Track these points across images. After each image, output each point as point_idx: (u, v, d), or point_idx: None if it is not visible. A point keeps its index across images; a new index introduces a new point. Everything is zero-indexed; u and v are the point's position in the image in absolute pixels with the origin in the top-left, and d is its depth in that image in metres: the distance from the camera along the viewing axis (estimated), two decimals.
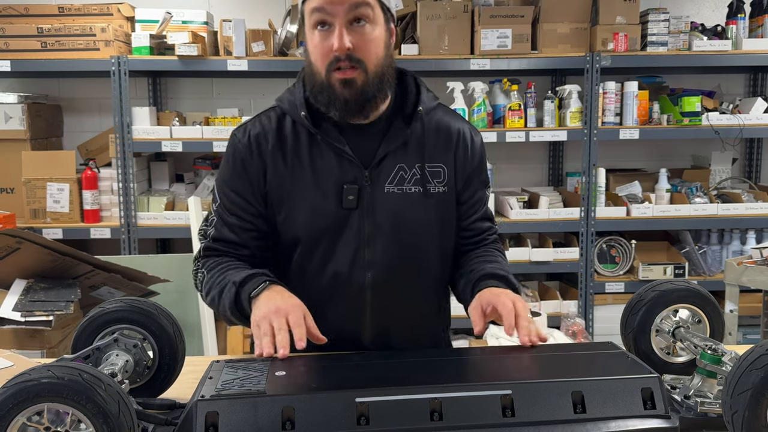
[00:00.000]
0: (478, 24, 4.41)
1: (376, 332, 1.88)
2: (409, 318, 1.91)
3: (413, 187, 1.84)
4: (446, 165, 1.89)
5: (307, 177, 1.82)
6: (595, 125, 4.49)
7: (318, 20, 1.71)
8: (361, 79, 1.73)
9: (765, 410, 1.20)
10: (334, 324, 1.84)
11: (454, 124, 1.93)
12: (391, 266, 1.84)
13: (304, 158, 1.83)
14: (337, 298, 1.86)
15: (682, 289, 1.70)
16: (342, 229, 1.82)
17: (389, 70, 1.80)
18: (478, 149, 1.96)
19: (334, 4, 1.68)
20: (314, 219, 1.82)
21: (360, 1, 1.69)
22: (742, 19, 4.58)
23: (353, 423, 1.30)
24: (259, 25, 4.57)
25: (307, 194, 1.82)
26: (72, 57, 4.37)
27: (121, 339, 1.51)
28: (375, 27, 1.73)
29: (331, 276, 1.84)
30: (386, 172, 1.83)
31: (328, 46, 1.70)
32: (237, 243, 1.89)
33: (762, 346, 1.24)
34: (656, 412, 1.36)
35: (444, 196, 1.88)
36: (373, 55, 1.74)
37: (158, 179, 4.89)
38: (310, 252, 1.85)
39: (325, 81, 1.74)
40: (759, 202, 4.65)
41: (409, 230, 1.85)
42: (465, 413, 1.32)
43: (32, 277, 3.25)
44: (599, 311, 4.73)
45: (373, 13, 1.72)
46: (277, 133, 1.86)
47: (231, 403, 1.31)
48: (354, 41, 1.69)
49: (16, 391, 1.13)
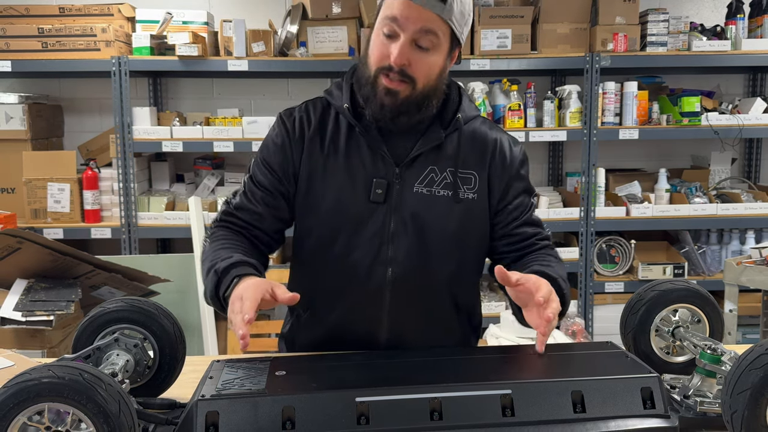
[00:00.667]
0: (478, 24, 4.42)
1: (393, 331, 1.89)
2: (426, 319, 1.91)
3: (442, 191, 1.86)
4: (479, 173, 1.89)
5: (340, 166, 1.85)
6: (595, 125, 4.49)
7: (387, 27, 1.73)
8: (406, 94, 1.76)
9: (764, 410, 1.21)
10: (350, 318, 1.87)
11: (491, 134, 1.94)
12: (412, 265, 1.85)
13: (340, 148, 1.86)
14: (355, 292, 1.87)
15: (681, 289, 1.70)
16: (366, 222, 1.84)
17: (436, 93, 1.83)
18: (518, 158, 1.94)
19: (408, 20, 1.69)
20: (340, 207, 1.84)
21: (431, 28, 1.70)
22: (742, 19, 4.59)
23: (353, 422, 1.30)
24: (260, 26, 4.58)
25: (336, 182, 1.85)
26: (73, 57, 4.37)
27: (122, 339, 1.51)
28: (436, 53, 1.75)
29: (351, 268, 1.85)
30: (417, 172, 1.85)
31: (387, 51, 1.73)
32: (257, 213, 1.90)
33: (761, 345, 1.25)
34: (656, 412, 1.36)
35: (473, 203, 1.88)
36: (425, 77, 1.76)
37: (159, 179, 4.89)
38: (333, 241, 1.86)
39: (372, 79, 1.77)
40: (758, 202, 4.66)
41: (433, 232, 1.85)
42: (465, 413, 1.33)
43: (33, 276, 3.26)
44: (599, 311, 4.74)
45: (440, 41, 1.74)
46: (319, 121, 1.90)
47: (231, 402, 1.31)
48: (412, 60, 1.72)
49: (17, 391, 1.14)
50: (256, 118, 4.45)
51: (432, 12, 1.69)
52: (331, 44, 4.49)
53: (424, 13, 1.69)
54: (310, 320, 1.94)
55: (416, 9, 1.69)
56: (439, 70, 1.79)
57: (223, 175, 4.90)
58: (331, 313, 1.90)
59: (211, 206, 4.59)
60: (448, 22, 1.72)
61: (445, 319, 1.95)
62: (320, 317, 1.93)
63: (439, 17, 1.70)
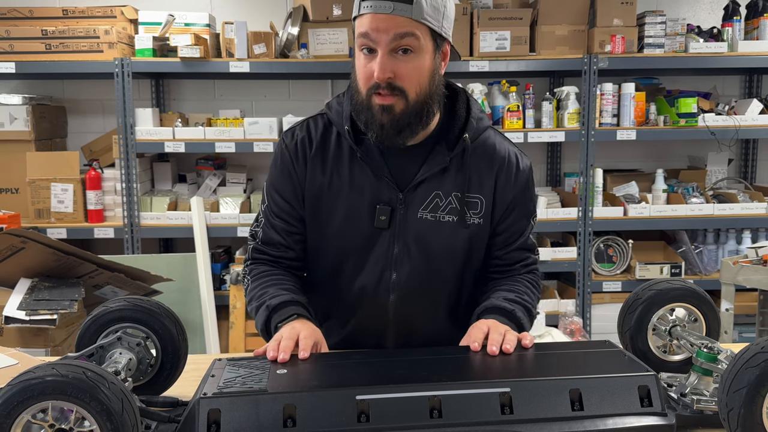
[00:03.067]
0: (477, 26, 4.45)
1: (399, 340, 1.91)
2: (431, 333, 1.92)
3: (447, 216, 1.82)
4: (485, 196, 1.85)
5: (344, 190, 1.82)
6: (593, 126, 4.52)
7: (363, 44, 1.68)
8: (401, 107, 1.69)
9: (760, 407, 1.22)
10: (359, 333, 1.92)
11: (500, 147, 1.88)
12: (416, 289, 1.85)
13: (343, 171, 1.82)
14: (363, 311, 1.89)
15: (678, 288, 1.71)
16: (371, 248, 1.83)
17: (434, 97, 1.75)
18: (523, 176, 1.90)
19: (379, 32, 1.63)
20: (345, 233, 1.83)
21: (405, 32, 1.63)
22: (738, 21, 4.59)
23: (353, 420, 1.31)
24: (261, 28, 4.60)
25: (340, 207, 1.83)
26: (76, 59, 4.39)
27: (125, 337, 1.52)
28: (420, 56, 1.67)
29: (358, 290, 1.87)
30: (421, 198, 1.81)
31: (370, 70, 1.67)
32: (283, 245, 1.91)
33: (757, 344, 1.26)
34: (653, 410, 1.37)
35: (479, 227, 1.86)
36: (415, 83, 1.69)
37: (161, 179, 4.91)
38: (340, 264, 1.87)
39: (366, 102, 1.71)
40: (754, 203, 4.67)
41: (437, 257, 1.84)
42: (464, 411, 1.33)
43: (37, 276, 3.28)
44: (597, 310, 4.75)
45: (420, 43, 1.66)
46: (321, 141, 1.85)
47: (233, 400, 1.32)
48: (396, 70, 1.66)
49: (21, 389, 1.15)
50: (257, 119, 4.47)
51: (401, 16, 1.62)
52: (332, 46, 4.50)
53: (393, 20, 1.62)
54: (327, 329, 1.94)
55: (384, 19, 1.63)
56: (429, 72, 1.71)
57: (225, 176, 4.90)
58: (344, 327, 1.94)
59: (213, 206, 4.62)
60: (421, 21, 1.64)
61: (447, 330, 1.94)
62: (336, 330, 1.96)
63: (410, 19, 1.63)
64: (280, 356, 1.55)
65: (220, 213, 4.57)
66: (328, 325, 1.97)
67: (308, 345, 1.61)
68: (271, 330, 1.78)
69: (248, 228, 2.27)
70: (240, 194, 4.76)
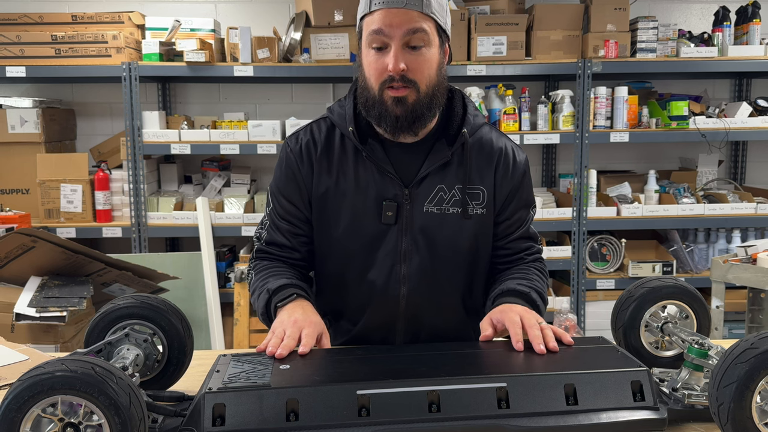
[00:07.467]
0: (475, 31, 4.50)
1: (408, 335, 1.95)
2: (441, 327, 1.95)
3: (452, 208, 1.87)
4: (486, 187, 1.90)
5: (350, 189, 1.86)
6: (587, 129, 4.56)
7: (376, 41, 1.74)
8: (413, 98, 1.76)
9: (750, 402, 1.24)
10: (369, 329, 1.95)
11: (497, 142, 1.93)
12: (426, 282, 1.89)
13: (348, 171, 1.86)
14: (373, 307, 1.92)
15: (670, 286, 1.73)
16: (379, 243, 1.87)
17: (440, 90, 1.82)
18: (520, 168, 1.95)
19: (393, 27, 1.70)
20: (353, 231, 1.87)
21: (417, 27, 1.71)
22: (728, 26, 4.63)
23: (354, 414, 1.32)
24: (265, 33, 4.65)
25: (347, 206, 1.87)
26: (85, 63, 4.42)
27: (132, 334, 1.54)
28: (430, 50, 1.75)
29: (368, 286, 1.90)
30: (426, 192, 1.86)
31: (383, 65, 1.73)
32: (288, 247, 1.96)
33: (746, 340, 1.28)
34: (645, 404, 1.39)
35: (482, 218, 1.90)
36: (425, 76, 1.76)
37: (167, 180, 4.95)
38: (349, 262, 1.90)
39: (378, 97, 1.77)
40: (744, 203, 4.71)
41: (445, 249, 1.88)
42: (462, 405, 1.35)
43: (47, 274, 3.33)
44: (591, 307, 4.80)
45: (429, 37, 1.74)
46: (325, 143, 1.90)
47: (237, 395, 1.33)
48: (408, 63, 1.72)
49: (31, 384, 1.16)
50: (261, 121, 4.49)
51: (413, 10, 1.71)
52: (333, 50, 4.54)
53: (407, 14, 1.71)
54: (336, 330, 2.01)
55: (397, 14, 1.71)
56: (437, 66, 1.78)
57: (230, 177, 4.93)
58: (354, 324, 1.97)
59: (218, 206, 4.65)
60: (431, 15, 1.73)
61: (458, 321, 1.99)
62: (346, 328, 2.00)
63: (422, 13, 1.72)
64: (278, 352, 1.58)
65: (225, 213, 4.61)
66: (339, 325, 2.01)
67: (310, 343, 1.63)
68: (271, 313, 1.81)
69: (252, 227, 2.31)
70: (244, 195, 4.79)
